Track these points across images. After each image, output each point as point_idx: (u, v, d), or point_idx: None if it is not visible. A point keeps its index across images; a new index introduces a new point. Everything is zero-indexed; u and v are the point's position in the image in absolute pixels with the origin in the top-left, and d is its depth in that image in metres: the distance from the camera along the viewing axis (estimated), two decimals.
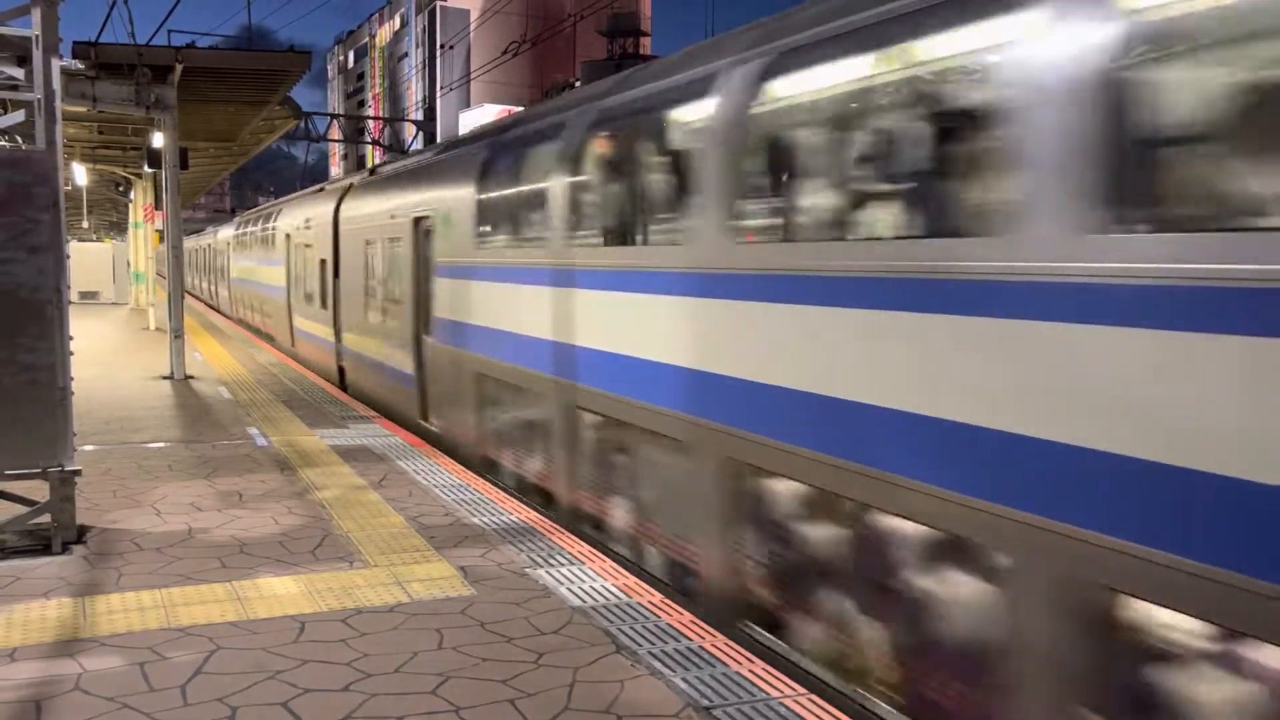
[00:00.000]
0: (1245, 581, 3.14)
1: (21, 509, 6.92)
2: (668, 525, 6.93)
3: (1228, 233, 3.35)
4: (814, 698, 4.63)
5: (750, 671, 4.91)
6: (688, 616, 5.67)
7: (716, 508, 6.07)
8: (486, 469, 9.81)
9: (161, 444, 10.52)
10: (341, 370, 15.78)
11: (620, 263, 7.12)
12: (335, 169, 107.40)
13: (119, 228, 52.22)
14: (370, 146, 66.66)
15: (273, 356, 19.84)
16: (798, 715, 4.45)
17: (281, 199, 26.90)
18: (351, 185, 15.93)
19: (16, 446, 6.65)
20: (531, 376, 8.58)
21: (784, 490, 5.60)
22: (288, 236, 20.30)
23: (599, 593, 6.03)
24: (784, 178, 5.77)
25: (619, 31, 62.48)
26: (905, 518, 4.59)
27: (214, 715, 4.39)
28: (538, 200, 8.47)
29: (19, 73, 7.23)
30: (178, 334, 16.13)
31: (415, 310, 11.49)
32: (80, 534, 7.03)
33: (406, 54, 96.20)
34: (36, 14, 7.01)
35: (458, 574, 6.35)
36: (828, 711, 4.50)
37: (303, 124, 37.71)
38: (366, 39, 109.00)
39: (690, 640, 5.29)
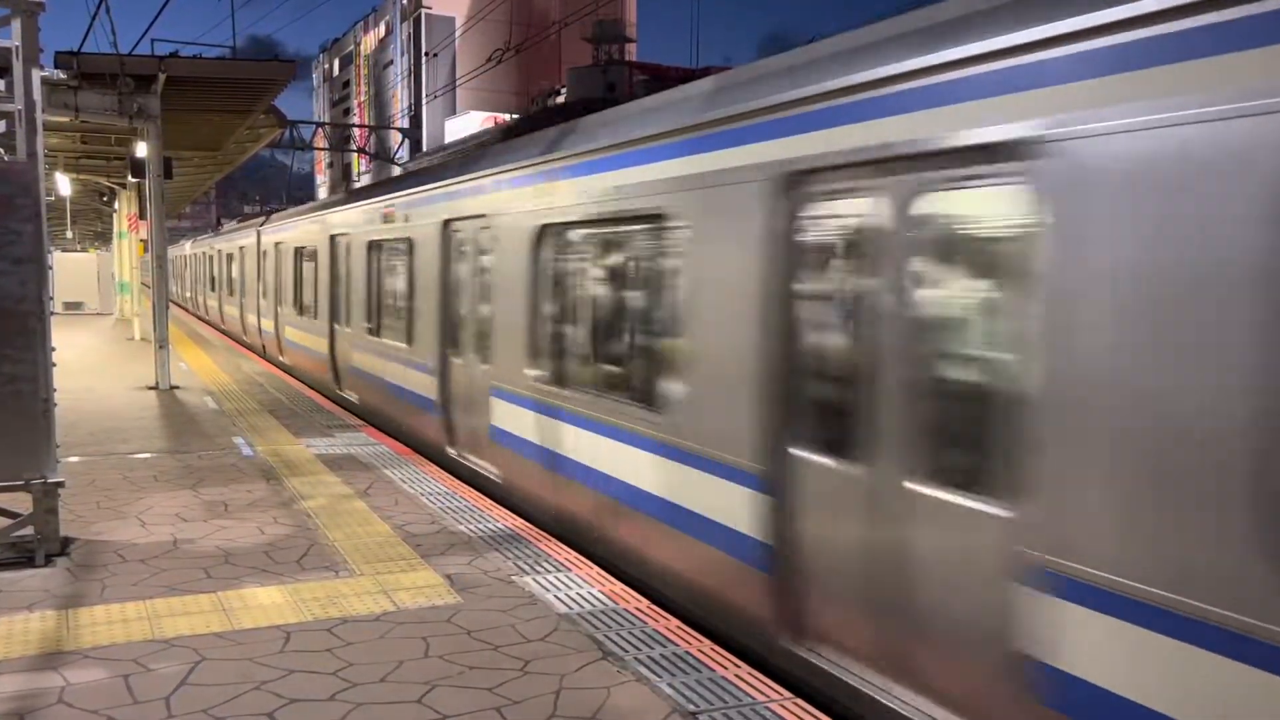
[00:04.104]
0: None
1: (4, 521, 6.89)
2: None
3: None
4: (799, 701, 4.65)
5: (736, 676, 4.92)
6: (674, 622, 5.68)
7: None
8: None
9: (147, 455, 10.48)
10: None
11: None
12: (321, 176, 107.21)
13: (104, 238, 51.99)
14: (356, 154, 66.56)
15: (259, 366, 19.78)
16: (781, 719, 4.46)
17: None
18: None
19: None
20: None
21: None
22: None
23: (585, 599, 6.03)
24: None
25: (604, 38, 62.57)
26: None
27: None
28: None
29: None
30: (163, 344, 16.08)
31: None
32: (64, 546, 7.00)
33: (392, 61, 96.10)
34: (16, 24, 6.99)
35: (444, 582, 6.35)
36: (812, 714, 4.52)
37: (289, 133, 37.61)
38: (352, 47, 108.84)
39: (676, 645, 5.30)
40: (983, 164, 4.04)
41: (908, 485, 4.38)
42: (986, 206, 4.19)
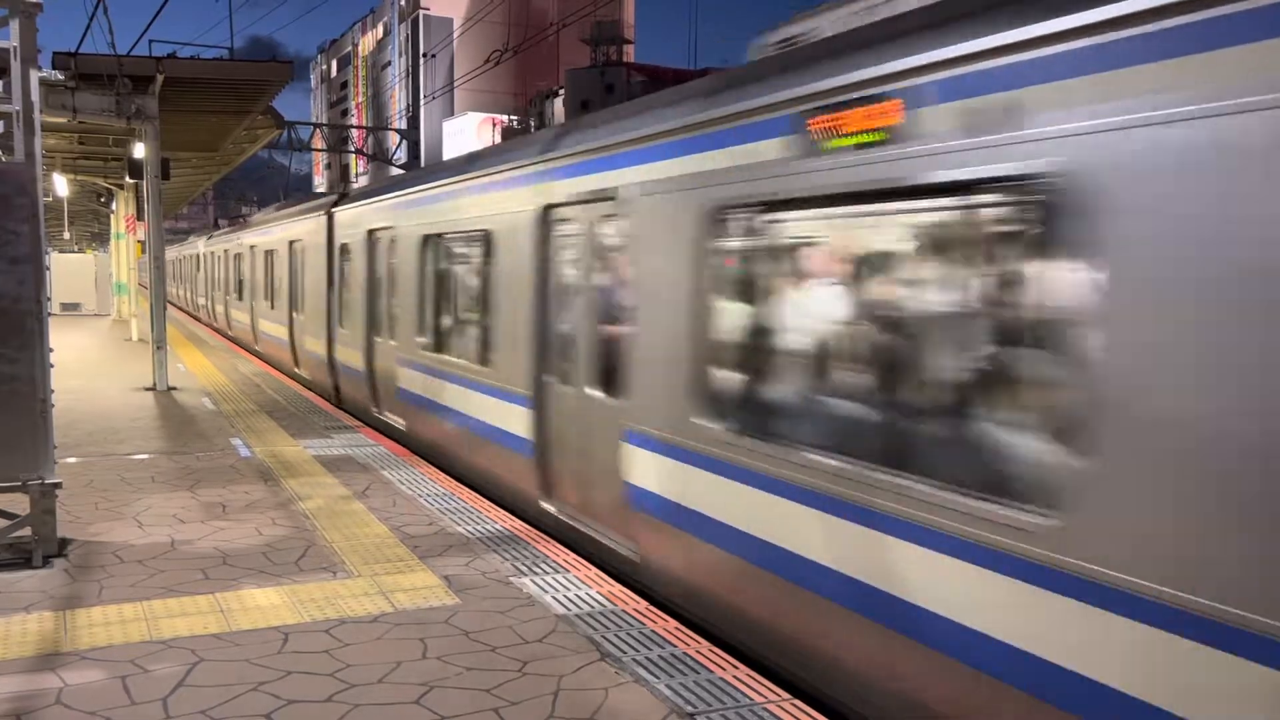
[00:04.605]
0: None
1: (1, 522, 6.88)
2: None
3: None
4: (796, 702, 4.65)
5: (734, 677, 4.92)
6: (673, 624, 5.68)
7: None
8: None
9: (144, 455, 10.47)
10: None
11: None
12: (319, 178, 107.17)
13: (101, 239, 51.98)
14: (354, 156, 66.55)
15: (256, 366, 19.75)
16: None
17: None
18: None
19: None
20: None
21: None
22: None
23: (584, 600, 6.03)
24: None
25: (602, 39, 62.57)
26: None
27: None
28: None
29: None
30: (160, 345, 16.07)
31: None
32: (61, 547, 6.99)
33: (390, 63, 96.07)
34: (14, 25, 6.98)
35: (442, 583, 6.35)
36: (810, 715, 4.52)
37: (287, 133, 37.62)
38: (350, 48, 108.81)
39: (675, 646, 5.29)
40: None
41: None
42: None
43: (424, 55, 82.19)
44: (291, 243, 18.04)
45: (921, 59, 4.23)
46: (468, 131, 75.37)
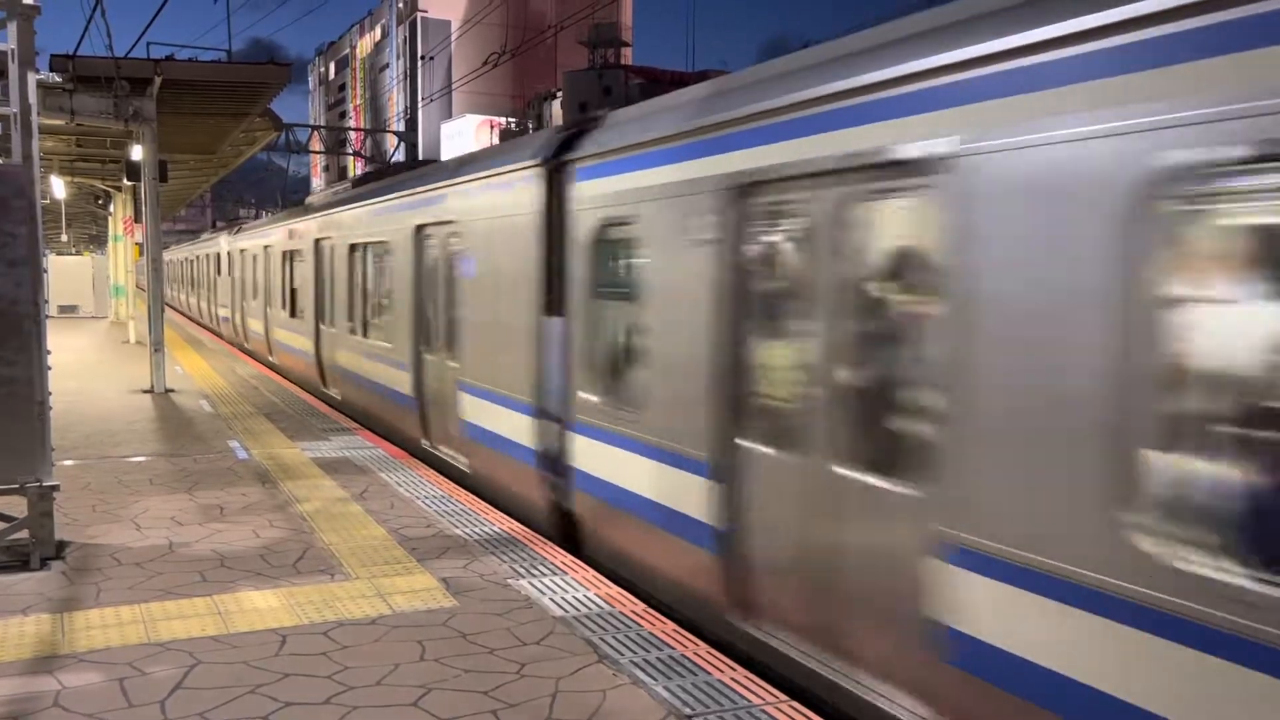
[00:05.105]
0: None
1: None
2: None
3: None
4: (795, 704, 4.65)
5: (732, 679, 4.92)
6: (670, 625, 5.68)
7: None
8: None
9: (142, 458, 10.47)
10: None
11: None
12: (317, 180, 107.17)
13: (99, 241, 51.97)
14: (352, 158, 66.55)
15: (253, 369, 19.75)
16: None
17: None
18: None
19: None
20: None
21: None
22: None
23: (582, 603, 6.03)
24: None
25: (601, 42, 62.62)
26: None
27: None
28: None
29: None
30: (158, 347, 16.06)
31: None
32: (59, 549, 6.99)
33: (388, 65, 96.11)
34: (12, 27, 6.99)
35: (440, 585, 6.35)
36: (806, 717, 4.52)
37: (285, 135, 37.65)
38: (348, 50, 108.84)
39: (673, 649, 5.30)
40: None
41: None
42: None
43: (422, 57, 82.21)
44: (419, 229, 10.68)
45: None
46: (466, 134, 75.41)
